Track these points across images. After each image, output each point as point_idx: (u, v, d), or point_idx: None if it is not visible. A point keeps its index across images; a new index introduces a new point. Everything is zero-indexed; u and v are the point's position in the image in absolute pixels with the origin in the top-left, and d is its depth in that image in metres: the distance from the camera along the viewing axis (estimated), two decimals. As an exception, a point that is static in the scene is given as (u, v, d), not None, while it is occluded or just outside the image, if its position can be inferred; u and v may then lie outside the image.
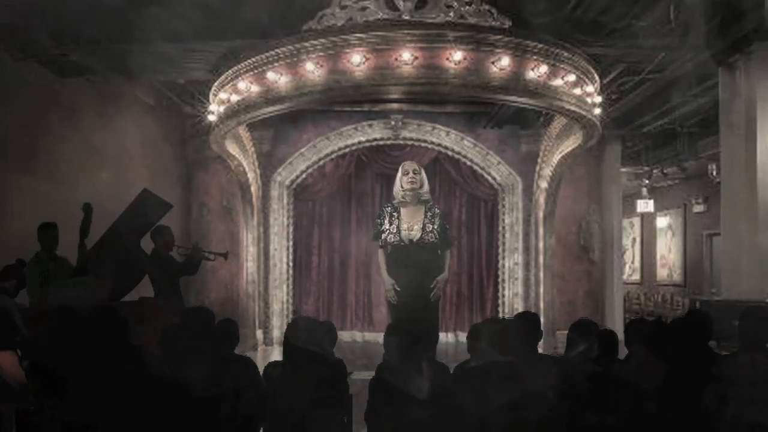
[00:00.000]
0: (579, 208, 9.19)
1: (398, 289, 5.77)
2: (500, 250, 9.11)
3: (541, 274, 8.37)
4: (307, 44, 5.59)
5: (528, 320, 3.72)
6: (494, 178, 8.99)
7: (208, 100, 6.78)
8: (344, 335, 8.73)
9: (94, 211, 5.44)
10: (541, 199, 8.31)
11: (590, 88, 6.14)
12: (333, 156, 8.91)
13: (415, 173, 5.89)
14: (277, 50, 5.70)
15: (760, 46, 6.38)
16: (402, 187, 5.88)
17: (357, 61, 5.49)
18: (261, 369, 3.67)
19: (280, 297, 8.89)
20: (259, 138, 8.44)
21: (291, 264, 9.05)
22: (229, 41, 6.55)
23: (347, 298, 9.22)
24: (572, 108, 6.01)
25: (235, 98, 6.15)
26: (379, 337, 4.89)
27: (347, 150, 8.89)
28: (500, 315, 8.82)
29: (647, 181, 12.19)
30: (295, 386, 3.41)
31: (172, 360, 3.30)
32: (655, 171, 11.36)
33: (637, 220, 15.12)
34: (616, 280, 9.83)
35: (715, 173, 10.20)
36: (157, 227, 5.82)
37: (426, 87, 5.72)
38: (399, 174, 5.98)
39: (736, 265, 6.84)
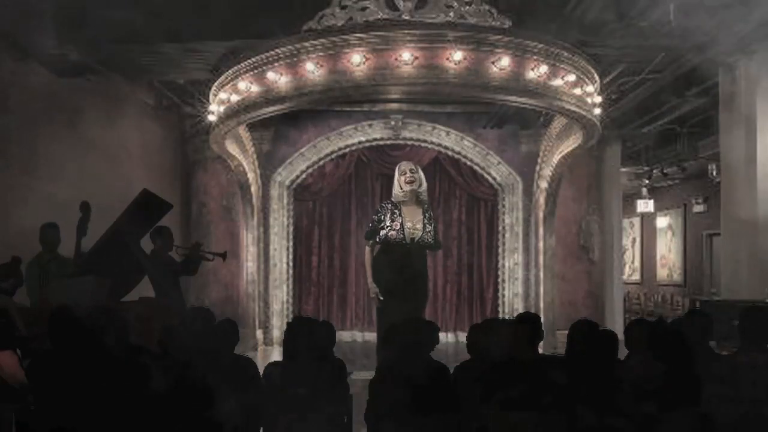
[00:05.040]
0: (579, 208, 9.18)
1: (381, 298, 5.72)
2: (500, 250, 9.10)
3: (541, 274, 8.37)
4: (307, 44, 5.59)
5: (530, 321, 3.73)
6: (494, 178, 8.99)
7: (208, 100, 6.78)
8: (344, 335, 8.73)
9: (94, 210, 5.43)
10: (541, 199, 8.31)
11: (590, 88, 6.14)
12: (333, 156, 8.90)
13: (412, 172, 5.84)
14: (277, 50, 5.70)
15: (760, 46, 6.38)
16: (401, 187, 5.85)
17: (357, 61, 5.49)
18: (261, 369, 3.67)
19: (280, 297, 8.89)
20: (259, 138, 8.44)
21: (291, 264, 9.04)
22: (229, 41, 6.55)
23: (347, 298, 9.21)
24: (572, 108, 6.01)
25: (235, 98, 6.15)
26: (379, 337, 4.89)
27: (347, 150, 8.88)
28: (500, 315, 8.82)
29: (647, 181, 12.19)
30: (295, 386, 3.41)
31: (172, 360, 3.30)
32: (655, 171, 11.35)
33: (637, 220, 15.12)
34: (616, 280, 9.83)
35: (715, 173, 10.20)
36: (157, 227, 5.82)
37: (426, 87, 5.72)
38: (396, 175, 5.94)
39: (736, 265, 6.85)
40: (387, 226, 5.73)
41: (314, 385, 3.42)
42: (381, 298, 5.71)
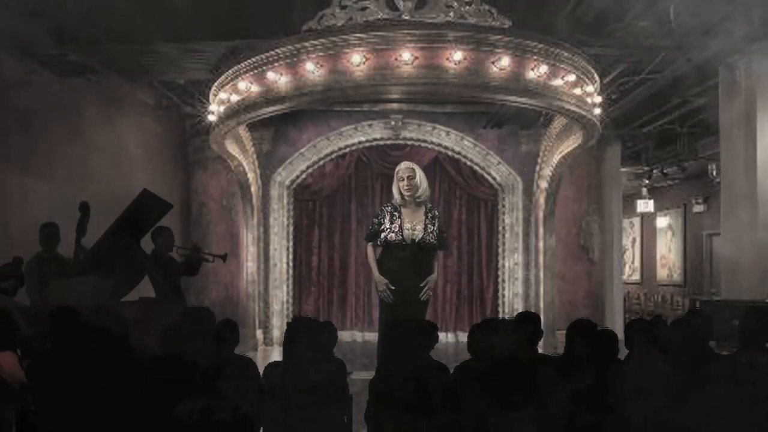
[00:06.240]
0: (579, 208, 9.18)
1: (392, 288, 5.68)
2: (500, 250, 9.10)
3: (541, 274, 8.37)
4: (307, 44, 5.58)
5: (529, 320, 3.73)
6: (494, 178, 8.99)
7: (208, 100, 6.78)
8: (344, 335, 8.71)
9: (94, 211, 5.43)
10: (541, 199, 8.31)
11: (590, 88, 6.14)
12: (333, 156, 8.90)
13: (410, 179, 5.72)
14: (277, 50, 5.70)
15: (760, 46, 6.39)
16: (400, 192, 5.84)
17: (357, 61, 5.49)
18: (261, 369, 3.67)
19: (280, 297, 8.89)
20: (259, 138, 8.44)
21: (291, 264, 9.04)
22: (229, 41, 6.55)
23: (347, 298, 9.21)
24: (572, 108, 6.01)
25: (235, 98, 6.15)
26: (379, 337, 4.85)
27: (347, 150, 8.88)
28: (500, 315, 8.82)
29: (647, 181, 12.19)
30: (295, 386, 3.41)
31: (172, 360, 3.29)
32: (655, 171, 11.35)
33: (637, 220, 15.12)
34: (616, 280, 9.83)
35: (715, 173, 10.20)
36: (158, 228, 5.81)
37: (426, 87, 5.71)
38: (395, 179, 5.91)
39: (736, 265, 6.85)
40: (386, 229, 5.71)
41: (314, 385, 3.42)
42: (392, 287, 5.62)
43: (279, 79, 5.76)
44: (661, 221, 14.24)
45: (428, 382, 3.25)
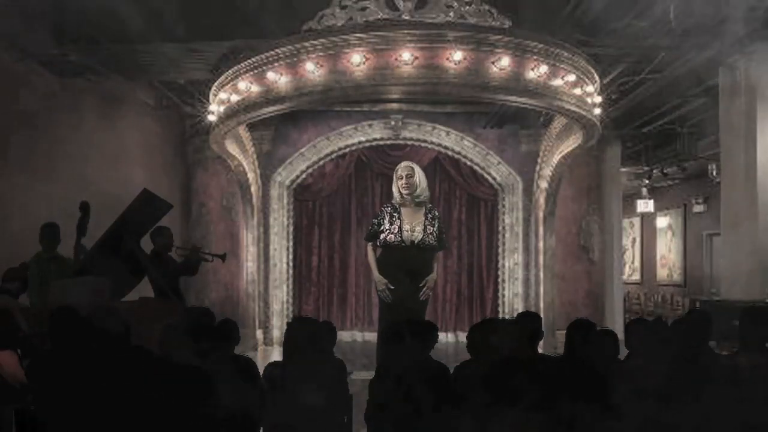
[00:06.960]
0: (579, 208, 9.19)
1: (392, 287, 5.66)
2: (500, 250, 9.11)
3: (541, 274, 8.37)
4: (307, 44, 5.59)
5: (530, 320, 3.73)
6: (494, 178, 8.99)
7: (208, 100, 6.78)
8: (344, 335, 8.73)
9: (94, 210, 5.43)
10: (541, 199, 8.31)
11: (590, 88, 6.14)
12: (333, 156, 8.91)
13: (408, 177, 5.75)
14: (277, 50, 5.70)
15: (760, 46, 6.38)
16: (399, 191, 5.84)
17: (357, 61, 5.49)
18: (261, 369, 3.67)
19: (280, 297, 8.89)
20: (259, 138, 8.44)
21: (291, 264, 9.05)
22: (229, 41, 6.55)
23: (347, 298, 9.22)
24: (572, 108, 6.01)
25: (235, 98, 6.15)
26: (379, 337, 4.83)
27: (347, 150, 8.89)
28: (500, 315, 8.83)
29: (647, 181, 12.18)
30: (295, 386, 3.41)
31: (172, 360, 3.30)
32: (655, 171, 11.35)
33: (637, 220, 15.12)
34: (616, 280, 9.83)
35: (715, 173, 10.21)
36: (157, 228, 5.81)
37: (426, 87, 5.72)
38: (394, 178, 5.92)
39: (736, 265, 6.85)
40: (386, 230, 5.71)
41: (314, 385, 3.42)
42: (392, 287, 5.63)
43: (279, 79, 5.76)
44: (661, 221, 14.24)
45: (428, 382, 3.25)
